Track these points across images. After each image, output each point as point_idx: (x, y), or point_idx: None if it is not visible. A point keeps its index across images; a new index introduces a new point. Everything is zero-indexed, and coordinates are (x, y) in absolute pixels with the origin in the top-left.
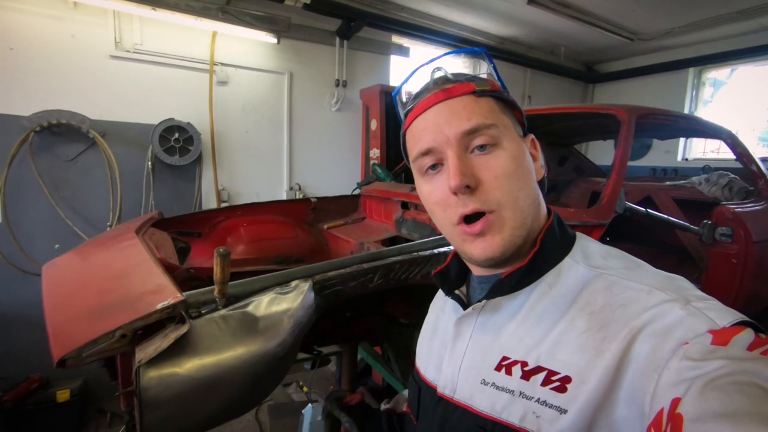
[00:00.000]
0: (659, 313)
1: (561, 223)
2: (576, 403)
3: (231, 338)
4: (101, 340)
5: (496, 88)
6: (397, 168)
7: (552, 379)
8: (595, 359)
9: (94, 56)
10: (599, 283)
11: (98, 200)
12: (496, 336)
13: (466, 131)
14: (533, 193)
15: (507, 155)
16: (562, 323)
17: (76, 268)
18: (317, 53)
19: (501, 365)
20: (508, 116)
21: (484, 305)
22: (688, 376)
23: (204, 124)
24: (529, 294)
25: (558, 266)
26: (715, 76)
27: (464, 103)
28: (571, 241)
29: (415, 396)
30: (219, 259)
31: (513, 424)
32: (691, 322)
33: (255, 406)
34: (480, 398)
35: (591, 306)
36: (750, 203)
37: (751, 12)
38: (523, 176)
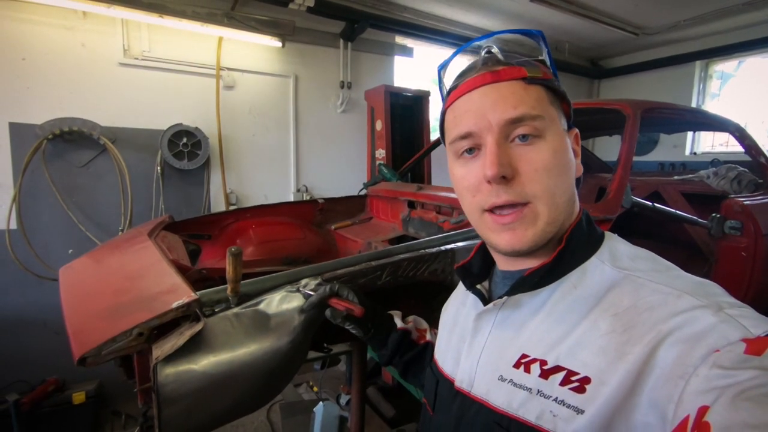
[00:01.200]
0: (689, 319)
1: (590, 222)
2: (594, 404)
3: (244, 335)
4: (119, 338)
5: (548, 77)
6: (404, 168)
7: (571, 379)
8: (617, 361)
9: (103, 64)
10: (626, 285)
11: (110, 205)
12: (516, 333)
13: (510, 119)
14: (570, 190)
15: (549, 148)
16: (585, 323)
17: (92, 270)
18: (322, 56)
19: (520, 362)
20: (556, 108)
21: (505, 301)
22: (718, 384)
23: (212, 128)
24: (552, 291)
25: (584, 265)
26: (722, 68)
27: (513, 89)
28: (599, 240)
29: (432, 388)
30: (231, 259)
31: (529, 422)
32: (723, 329)
33: (268, 401)
34: (497, 394)
35: (615, 307)
36: (759, 196)
37: (759, 3)
38: (563, 171)
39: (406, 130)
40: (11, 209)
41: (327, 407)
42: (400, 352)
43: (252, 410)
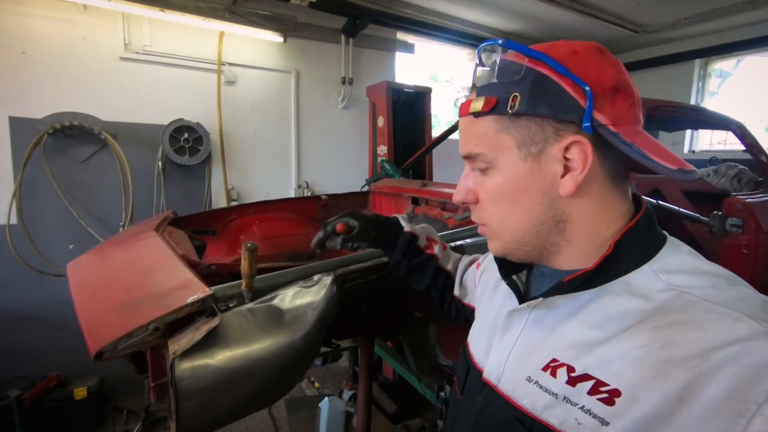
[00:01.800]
0: (749, 349)
1: (651, 224)
2: (621, 419)
3: (259, 331)
4: (135, 333)
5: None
6: (406, 164)
7: (600, 389)
8: (653, 380)
9: (104, 58)
10: (677, 302)
11: (111, 200)
12: (548, 335)
13: (463, 156)
14: (531, 217)
15: (494, 181)
16: (622, 336)
17: (101, 265)
18: (323, 51)
19: (549, 366)
20: (515, 131)
21: (540, 303)
22: None
23: (213, 123)
24: (593, 297)
25: (632, 274)
26: (721, 67)
27: (465, 124)
28: (657, 246)
29: (463, 373)
30: (247, 254)
31: (553, 426)
32: None
33: (282, 396)
34: (522, 393)
35: (657, 321)
36: (760, 194)
37: (758, 2)
38: (512, 200)
39: (407, 127)
40: (11, 204)
41: (333, 402)
42: (409, 256)
43: (266, 405)
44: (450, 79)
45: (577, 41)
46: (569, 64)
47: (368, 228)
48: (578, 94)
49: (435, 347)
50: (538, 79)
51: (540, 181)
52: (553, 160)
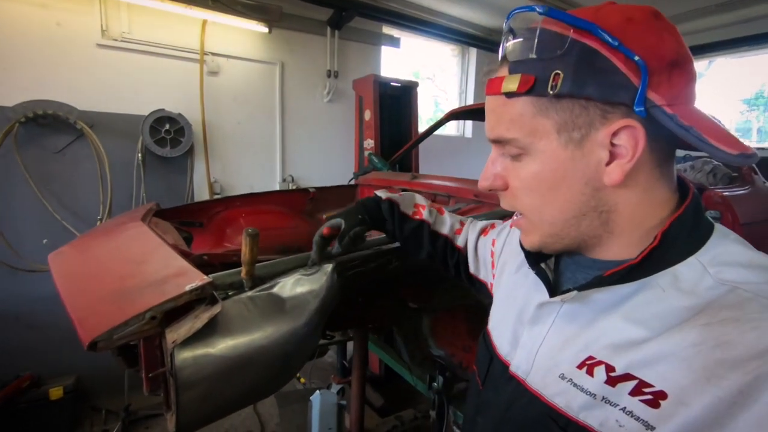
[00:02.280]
0: None
1: (698, 212)
2: (668, 424)
3: (260, 318)
4: (132, 321)
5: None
6: (394, 157)
7: (644, 390)
8: (705, 383)
9: (80, 45)
10: (729, 298)
11: (88, 193)
12: (583, 329)
13: (491, 140)
14: (572, 208)
15: (530, 169)
16: (668, 335)
17: (87, 255)
18: (309, 43)
19: (585, 363)
20: (554, 114)
21: (574, 296)
22: None
23: (195, 114)
24: (636, 290)
25: (679, 266)
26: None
27: (494, 105)
28: (705, 236)
29: (485, 362)
30: (248, 240)
31: (592, 427)
32: None
33: (283, 385)
34: (555, 391)
35: (708, 317)
36: (735, 188)
37: (731, 5)
38: (550, 190)
39: (394, 121)
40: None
41: (324, 395)
42: (398, 224)
43: (267, 394)
44: (431, 76)
45: (627, 4)
46: (623, 35)
47: (352, 215)
48: (631, 71)
49: (427, 338)
50: (586, 54)
51: (582, 170)
52: (598, 147)
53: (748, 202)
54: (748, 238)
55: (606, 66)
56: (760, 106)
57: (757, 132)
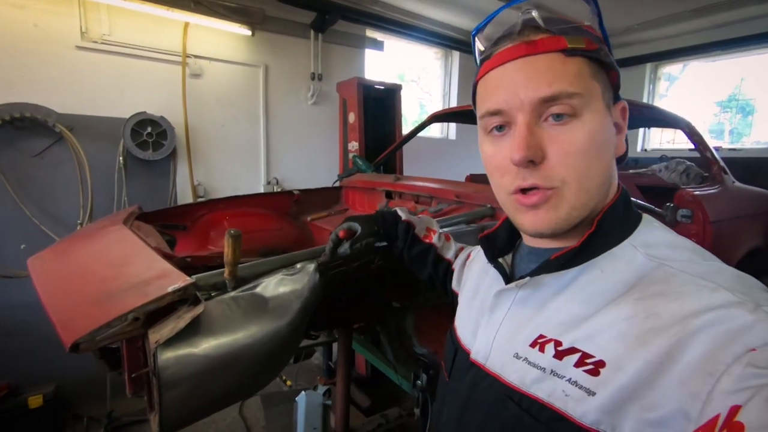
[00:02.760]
0: (724, 316)
1: (627, 203)
2: (606, 387)
3: (243, 318)
4: (115, 323)
5: (592, 47)
6: (378, 159)
7: (586, 361)
8: (637, 348)
9: (59, 47)
10: (657, 273)
11: (67, 197)
12: (535, 312)
13: (544, 98)
14: (605, 173)
15: (584, 130)
16: (607, 309)
17: (68, 259)
18: (292, 46)
19: (536, 342)
20: (600, 81)
21: (527, 282)
22: (752, 384)
23: (178, 117)
24: (578, 274)
25: (614, 250)
26: (669, 71)
27: (549, 62)
28: (635, 223)
29: (450, 356)
30: (231, 240)
31: (541, 399)
32: (760, 328)
33: (266, 384)
34: (511, 370)
35: (640, 292)
36: (706, 187)
37: (704, 10)
38: (598, 154)
39: (378, 123)
40: None
41: (310, 396)
42: (408, 244)
43: (251, 394)
44: (416, 78)
45: None
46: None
47: (370, 224)
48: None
49: (411, 336)
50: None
51: (611, 137)
52: (616, 117)
53: (717, 200)
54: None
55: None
56: (733, 109)
57: (729, 133)
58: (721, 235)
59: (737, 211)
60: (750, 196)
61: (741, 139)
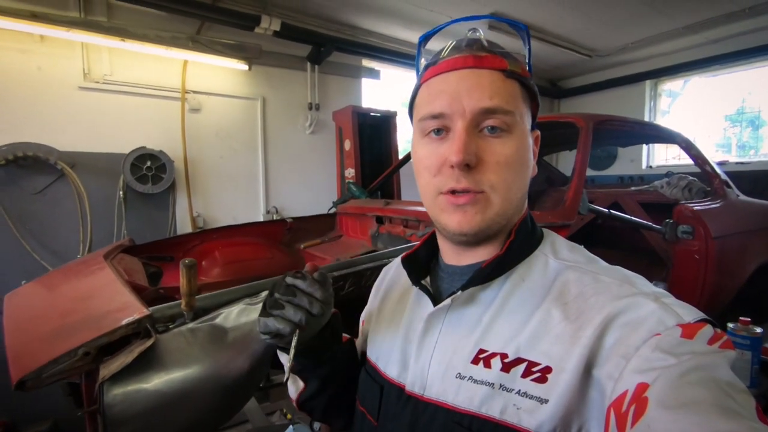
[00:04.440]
0: (632, 304)
1: (532, 219)
2: (556, 391)
3: (199, 351)
4: (63, 359)
5: (526, 74)
6: (373, 185)
7: (532, 370)
8: (572, 346)
9: (62, 88)
10: (570, 275)
11: (68, 232)
12: (470, 328)
13: (484, 109)
14: (524, 188)
15: (514, 145)
16: (538, 313)
17: (40, 294)
18: (289, 78)
19: (478, 358)
20: (527, 106)
21: (458, 296)
22: (658, 365)
23: (177, 151)
24: (502, 285)
25: (528, 259)
26: (669, 87)
27: (492, 78)
28: (540, 236)
29: (375, 396)
30: (185, 271)
31: (493, 418)
32: (661, 315)
33: (226, 421)
34: (455, 393)
35: (565, 296)
36: (707, 202)
37: (695, 27)
38: (521, 169)
39: (374, 150)
40: None
41: (298, 430)
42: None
43: (210, 430)
44: None
45: None
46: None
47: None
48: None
49: None
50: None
51: (531, 157)
52: (533, 141)
53: (719, 215)
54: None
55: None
56: (743, 122)
57: (737, 147)
58: (725, 251)
59: (742, 226)
60: (757, 210)
61: (749, 152)
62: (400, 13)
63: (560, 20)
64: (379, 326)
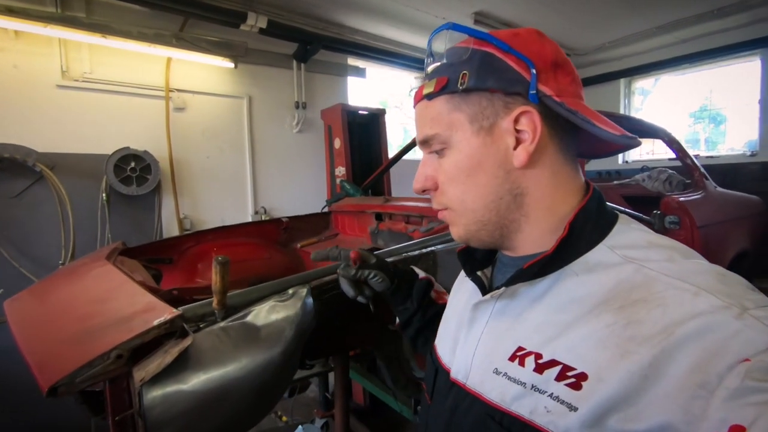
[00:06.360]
0: (709, 323)
1: (601, 203)
2: (589, 401)
3: (234, 349)
4: (96, 362)
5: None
6: (366, 183)
7: (567, 374)
8: (619, 359)
9: (39, 86)
10: (636, 278)
11: (48, 237)
12: (513, 323)
13: (421, 141)
14: (489, 192)
15: (453, 158)
16: (587, 318)
17: (46, 299)
18: (275, 76)
19: (515, 355)
20: (465, 109)
21: (503, 292)
22: (754, 400)
23: (162, 151)
24: (554, 281)
25: (590, 253)
26: (642, 85)
27: (420, 110)
28: (610, 224)
29: (431, 376)
30: (219, 268)
31: (522, 417)
32: (749, 334)
33: (262, 417)
34: (491, 387)
35: (622, 300)
36: (690, 193)
37: (668, 27)
38: (468, 179)
39: (364, 148)
40: None
41: (307, 430)
42: (424, 306)
43: (246, 429)
44: (399, 104)
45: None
46: (511, 43)
47: (386, 265)
48: (522, 68)
49: (410, 360)
50: (485, 57)
51: (494, 155)
52: (505, 133)
53: (702, 206)
54: (706, 239)
55: (501, 65)
56: (705, 119)
57: (704, 142)
58: (708, 240)
59: (722, 216)
60: (733, 200)
61: (716, 147)
62: (386, 12)
63: (542, 20)
64: (444, 314)
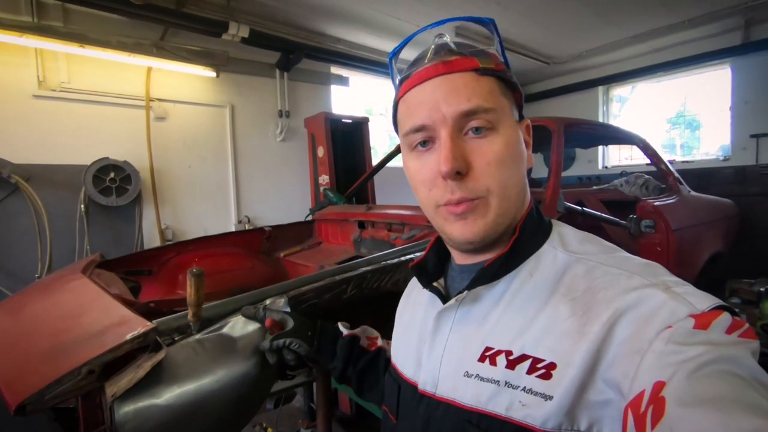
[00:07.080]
0: (642, 297)
1: (539, 211)
2: (561, 387)
3: (209, 361)
4: (66, 378)
5: (500, 68)
6: (349, 191)
7: (537, 366)
8: (578, 342)
9: (14, 97)
10: (579, 268)
11: (24, 251)
12: (478, 326)
13: (464, 112)
14: (522, 182)
15: (502, 141)
16: (546, 310)
17: (19, 314)
18: (258, 85)
19: (484, 356)
20: (508, 99)
21: (465, 296)
22: (673, 360)
23: (143, 161)
24: (510, 282)
25: (537, 253)
26: (619, 93)
27: (465, 80)
28: (548, 228)
29: (394, 394)
30: (193, 280)
31: (499, 415)
32: (672, 306)
33: (240, 429)
34: (464, 391)
35: (573, 291)
36: (664, 197)
37: (642, 36)
38: (515, 164)
39: (348, 156)
40: None
41: None
42: (353, 361)
43: None
44: (384, 112)
45: None
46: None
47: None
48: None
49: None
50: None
51: (523, 148)
52: (524, 131)
53: (677, 210)
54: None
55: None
56: (681, 125)
57: (680, 147)
58: (683, 243)
59: (696, 219)
60: (706, 204)
61: (692, 152)
62: (367, 21)
63: (521, 29)
64: (398, 328)
